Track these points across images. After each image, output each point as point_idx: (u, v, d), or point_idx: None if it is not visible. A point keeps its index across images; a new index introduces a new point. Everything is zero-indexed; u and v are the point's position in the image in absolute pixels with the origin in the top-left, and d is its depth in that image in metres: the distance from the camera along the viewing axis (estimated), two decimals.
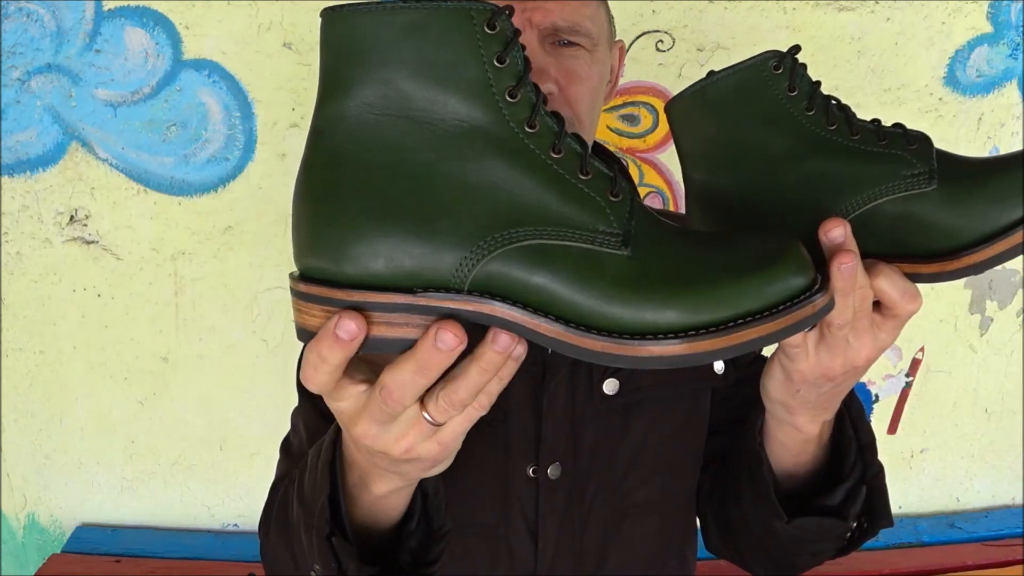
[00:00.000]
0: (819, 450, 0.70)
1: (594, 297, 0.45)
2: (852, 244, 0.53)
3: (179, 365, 1.49)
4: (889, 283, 0.54)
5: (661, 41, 1.39)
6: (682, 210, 1.43)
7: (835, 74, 1.41)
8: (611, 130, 1.42)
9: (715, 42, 1.39)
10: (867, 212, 0.57)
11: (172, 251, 1.44)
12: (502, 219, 0.45)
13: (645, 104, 1.42)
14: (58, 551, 1.49)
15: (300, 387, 0.89)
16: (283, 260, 1.45)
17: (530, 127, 0.46)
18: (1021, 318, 1.55)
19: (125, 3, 1.34)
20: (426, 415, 0.48)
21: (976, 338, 1.55)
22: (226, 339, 1.48)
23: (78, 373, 1.49)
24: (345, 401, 0.49)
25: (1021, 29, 1.42)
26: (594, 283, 0.45)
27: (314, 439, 0.81)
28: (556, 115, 0.48)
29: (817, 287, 0.47)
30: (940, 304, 1.52)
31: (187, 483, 1.54)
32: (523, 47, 0.47)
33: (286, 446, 0.88)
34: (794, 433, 0.67)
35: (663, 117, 1.42)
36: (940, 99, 1.43)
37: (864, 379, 1.53)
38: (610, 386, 0.78)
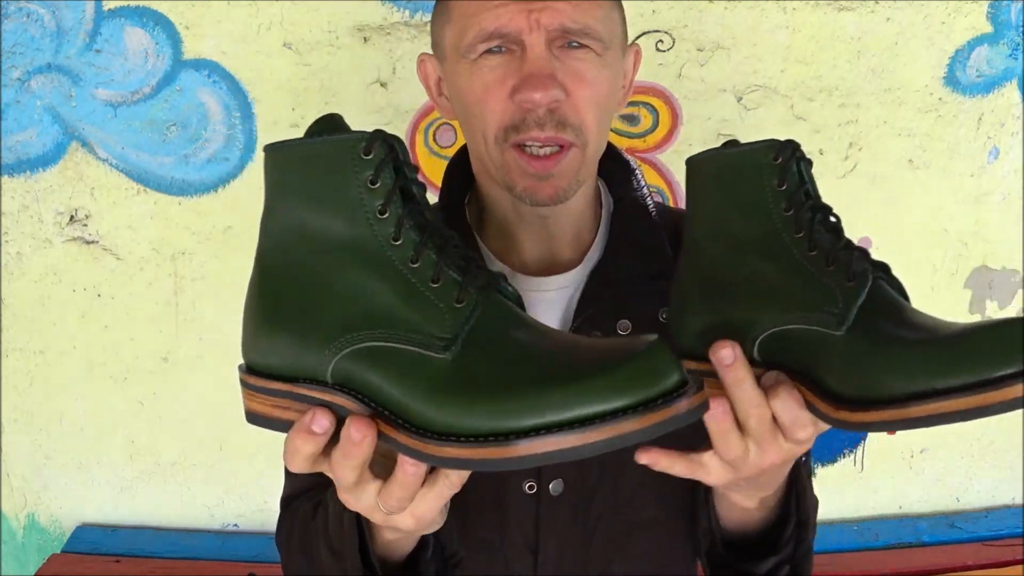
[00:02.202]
0: (765, 514, 0.71)
1: (412, 396, 0.49)
2: (738, 366, 0.55)
3: (179, 365, 1.49)
4: (783, 407, 0.55)
5: (661, 41, 1.39)
6: (682, 206, 1.43)
7: (835, 74, 1.41)
8: (611, 130, 1.42)
9: (715, 42, 1.39)
10: (786, 331, 0.56)
11: (172, 251, 1.44)
12: (352, 322, 0.52)
13: (645, 104, 1.42)
14: (58, 551, 1.49)
15: None
16: None
17: (395, 240, 0.52)
18: None
19: (125, 3, 1.34)
20: (380, 506, 0.54)
21: None
22: (226, 339, 1.48)
23: (78, 373, 1.49)
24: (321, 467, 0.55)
25: (1021, 29, 1.42)
26: (413, 383, 0.49)
27: None
28: (423, 227, 0.52)
29: (640, 408, 0.45)
30: (940, 304, 1.52)
31: (187, 483, 1.54)
32: (398, 167, 0.52)
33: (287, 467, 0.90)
34: (731, 506, 0.70)
35: (663, 117, 1.43)
36: (940, 99, 1.43)
37: None
38: None
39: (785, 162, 0.59)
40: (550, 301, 0.81)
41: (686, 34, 1.38)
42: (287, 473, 0.88)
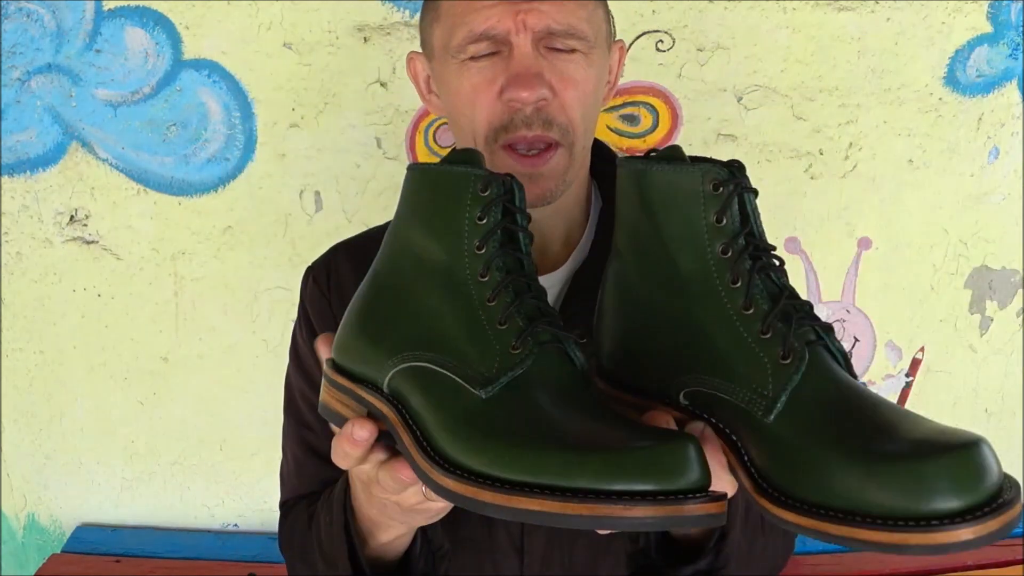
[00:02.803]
0: None
1: (440, 424, 0.51)
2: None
3: (179, 365, 1.49)
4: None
5: (661, 41, 1.39)
6: None
7: (835, 74, 1.41)
8: (611, 130, 1.42)
9: (715, 42, 1.39)
10: (714, 394, 0.50)
11: (172, 251, 1.44)
12: (415, 341, 0.54)
13: (645, 104, 1.42)
14: (58, 551, 1.49)
15: (287, 411, 0.91)
16: (283, 260, 1.45)
17: (482, 277, 0.53)
18: (1021, 318, 1.55)
19: (125, 3, 1.34)
20: (423, 490, 0.56)
21: (976, 338, 1.55)
22: (226, 339, 1.48)
23: (78, 373, 1.49)
24: (368, 464, 0.57)
25: (1021, 29, 1.42)
26: (445, 412, 0.51)
27: (299, 471, 0.89)
28: (512, 271, 0.54)
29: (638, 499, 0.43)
30: (940, 304, 1.52)
31: (187, 483, 1.54)
32: (508, 210, 0.54)
33: (281, 472, 0.93)
34: None
35: (663, 117, 1.43)
36: (940, 99, 1.43)
37: (864, 379, 1.53)
38: None
39: (727, 194, 0.50)
40: None
41: (686, 34, 1.38)
42: (282, 479, 0.92)
